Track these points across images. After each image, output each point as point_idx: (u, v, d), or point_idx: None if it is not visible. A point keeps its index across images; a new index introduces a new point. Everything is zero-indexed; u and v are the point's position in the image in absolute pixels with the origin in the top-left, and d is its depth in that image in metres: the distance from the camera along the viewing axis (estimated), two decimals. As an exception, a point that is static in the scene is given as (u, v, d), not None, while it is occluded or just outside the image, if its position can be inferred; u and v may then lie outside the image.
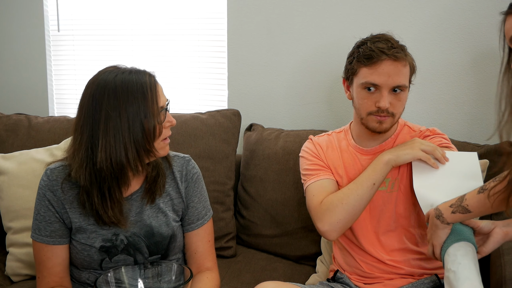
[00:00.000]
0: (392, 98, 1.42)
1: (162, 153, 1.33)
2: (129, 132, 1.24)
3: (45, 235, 1.35)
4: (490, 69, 1.86)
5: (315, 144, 1.60)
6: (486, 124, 1.90)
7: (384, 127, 1.45)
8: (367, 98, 1.43)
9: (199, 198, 1.46)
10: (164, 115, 1.31)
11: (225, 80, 2.24)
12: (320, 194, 1.48)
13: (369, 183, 1.41)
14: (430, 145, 1.41)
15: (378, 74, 1.40)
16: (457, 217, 1.22)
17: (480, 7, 1.84)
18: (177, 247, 1.44)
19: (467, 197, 1.20)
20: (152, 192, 1.37)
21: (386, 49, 1.41)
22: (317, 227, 1.45)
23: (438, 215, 1.26)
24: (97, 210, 1.29)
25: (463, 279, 1.16)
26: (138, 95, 1.25)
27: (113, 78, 1.26)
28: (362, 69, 1.43)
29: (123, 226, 1.33)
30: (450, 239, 1.25)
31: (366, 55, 1.42)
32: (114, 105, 1.23)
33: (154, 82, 1.30)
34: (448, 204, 1.24)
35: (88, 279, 1.39)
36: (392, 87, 1.41)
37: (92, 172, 1.26)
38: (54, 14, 2.38)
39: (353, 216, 1.42)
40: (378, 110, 1.42)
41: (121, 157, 1.24)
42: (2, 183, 1.81)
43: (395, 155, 1.41)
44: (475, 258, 1.22)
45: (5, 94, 2.50)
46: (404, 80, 1.43)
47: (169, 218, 1.40)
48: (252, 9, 2.12)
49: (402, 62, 1.42)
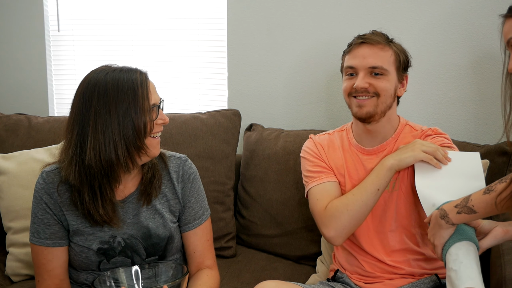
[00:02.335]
0: (372, 79, 1.46)
1: (154, 152, 1.32)
2: (119, 129, 1.23)
3: (45, 238, 1.34)
4: (490, 69, 1.86)
5: (316, 144, 1.60)
6: (486, 124, 1.90)
7: (364, 110, 1.46)
8: (346, 81, 1.50)
9: (196, 198, 1.45)
10: (156, 113, 1.30)
11: (225, 80, 2.24)
12: (324, 199, 1.49)
13: (373, 188, 1.42)
14: (431, 146, 1.40)
15: (354, 57, 1.48)
16: (463, 217, 1.21)
17: (480, 7, 1.84)
18: (175, 248, 1.44)
19: (472, 197, 1.19)
20: (147, 193, 1.37)
21: (366, 37, 1.48)
22: (322, 233, 1.47)
23: (443, 215, 1.24)
24: (88, 209, 1.29)
25: (465, 278, 1.16)
26: (129, 92, 1.25)
27: (103, 76, 1.26)
28: (345, 57, 1.53)
29: (116, 225, 1.32)
30: (452, 238, 1.25)
31: (348, 45, 1.53)
32: (104, 102, 1.23)
33: (145, 79, 1.29)
34: (453, 205, 1.23)
35: (86, 279, 1.39)
36: (368, 68, 1.45)
37: (81, 169, 1.25)
38: (54, 14, 2.38)
39: (358, 222, 1.43)
40: (355, 91, 1.46)
41: (110, 154, 1.23)
42: (2, 183, 1.81)
43: (397, 159, 1.42)
44: (476, 257, 1.22)
45: (5, 94, 2.50)
46: (381, 62, 1.46)
47: (166, 219, 1.40)
48: (252, 9, 2.12)
49: (379, 46, 1.47)
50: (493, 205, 1.13)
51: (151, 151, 1.31)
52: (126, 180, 1.36)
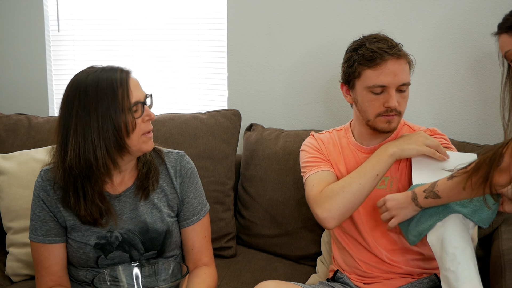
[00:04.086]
0: (398, 96, 1.43)
1: (145, 147, 1.32)
2: (98, 130, 1.24)
3: (41, 235, 1.36)
4: (490, 69, 1.86)
5: (317, 139, 1.60)
6: (486, 124, 1.90)
7: (393, 126, 1.45)
8: (374, 100, 1.43)
9: (194, 194, 1.46)
10: (141, 110, 1.29)
11: (225, 80, 2.24)
12: (320, 184, 1.47)
13: (372, 173, 1.41)
14: (434, 141, 1.41)
15: (385, 75, 1.40)
16: (429, 202, 1.27)
17: (480, 7, 1.84)
18: (174, 243, 1.44)
19: (438, 183, 1.24)
20: (144, 188, 1.38)
21: (387, 48, 1.40)
22: (315, 214, 1.44)
23: (413, 198, 1.31)
24: (74, 209, 1.31)
25: (463, 279, 1.16)
26: (108, 92, 1.25)
27: (85, 78, 1.27)
28: (366, 72, 1.42)
29: (101, 226, 1.34)
30: (426, 218, 1.29)
31: (369, 57, 1.41)
32: (84, 104, 1.24)
33: (126, 77, 1.29)
34: (423, 189, 1.28)
35: (86, 277, 1.40)
36: (398, 86, 1.41)
37: (65, 172, 1.27)
38: (54, 14, 2.38)
39: (353, 205, 1.41)
40: (387, 110, 1.42)
41: (89, 155, 1.24)
42: (2, 183, 1.81)
43: (400, 148, 1.41)
44: (473, 255, 1.22)
45: (5, 94, 2.50)
46: (408, 77, 1.44)
47: (164, 213, 1.41)
48: (252, 9, 2.12)
49: (404, 60, 1.43)
50: (455, 190, 1.18)
51: (135, 149, 1.30)
52: (122, 175, 1.37)
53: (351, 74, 1.46)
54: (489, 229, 1.70)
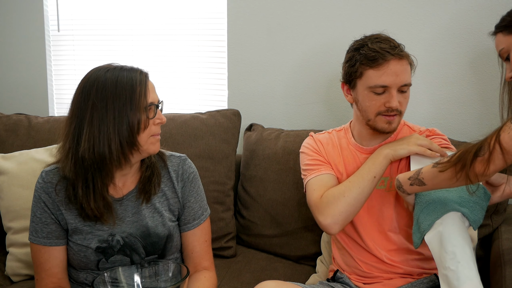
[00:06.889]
0: (399, 96, 1.43)
1: (152, 149, 1.33)
2: (114, 124, 1.25)
3: (42, 237, 1.35)
4: (490, 69, 1.86)
5: (316, 141, 1.60)
6: (486, 124, 1.90)
7: (393, 126, 1.46)
8: (375, 100, 1.43)
9: (196, 198, 1.46)
10: (154, 112, 1.31)
11: (225, 80, 2.24)
12: (320, 189, 1.48)
13: (370, 176, 1.42)
14: (427, 140, 1.43)
15: (387, 75, 1.40)
16: (415, 189, 1.30)
17: (481, 8, 1.84)
18: (174, 246, 1.44)
19: (423, 170, 1.26)
20: (146, 191, 1.38)
21: (390, 48, 1.41)
22: (318, 221, 1.45)
23: (398, 186, 1.35)
24: (81, 202, 1.30)
25: (464, 279, 1.16)
26: (127, 88, 1.27)
27: (104, 73, 1.29)
28: (368, 72, 1.42)
29: (107, 222, 1.33)
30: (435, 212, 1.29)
31: (371, 57, 1.41)
32: (102, 96, 1.25)
33: (145, 79, 1.31)
34: (407, 177, 1.31)
35: (86, 279, 1.39)
36: (400, 86, 1.42)
37: (76, 162, 1.27)
38: (54, 14, 2.38)
39: (354, 209, 1.42)
40: (387, 110, 1.43)
41: (103, 148, 1.25)
42: (2, 183, 1.81)
43: (393, 149, 1.44)
44: (473, 254, 1.22)
45: (5, 94, 2.50)
46: (409, 78, 1.44)
47: (165, 218, 1.40)
48: (252, 9, 2.12)
49: (406, 60, 1.43)
50: (439, 177, 1.20)
51: (143, 149, 1.31)
52: (125, 178, 1.37)
53: (353, 73, 1.46)
54: (489, 229, 1.70)
